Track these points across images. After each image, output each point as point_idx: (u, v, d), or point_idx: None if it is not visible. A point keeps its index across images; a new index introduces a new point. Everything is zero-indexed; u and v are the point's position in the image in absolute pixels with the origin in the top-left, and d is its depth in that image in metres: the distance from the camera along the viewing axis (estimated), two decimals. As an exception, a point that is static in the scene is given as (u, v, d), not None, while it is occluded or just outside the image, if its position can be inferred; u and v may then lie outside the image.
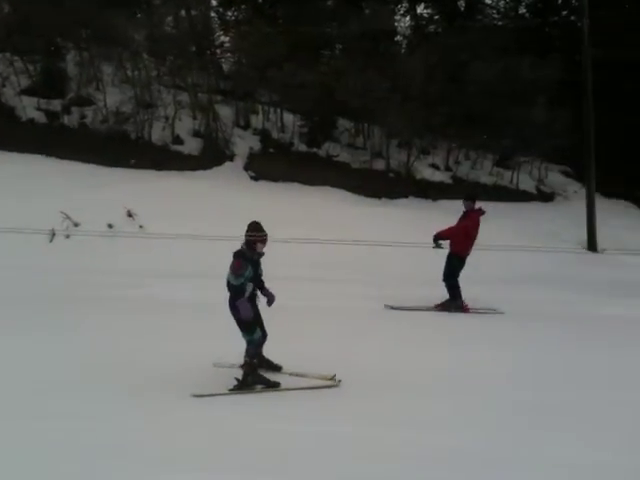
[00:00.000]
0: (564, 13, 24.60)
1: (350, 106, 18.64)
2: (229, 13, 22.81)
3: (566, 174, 21.79)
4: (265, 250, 6.55)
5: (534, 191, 20.60)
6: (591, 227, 16.70)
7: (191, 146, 18.99)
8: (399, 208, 17.59)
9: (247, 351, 6.39)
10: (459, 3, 24.63)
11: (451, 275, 10.55)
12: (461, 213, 10.87)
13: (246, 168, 18.93)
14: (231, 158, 19.06)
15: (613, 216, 18.16)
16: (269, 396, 6.24)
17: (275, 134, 20.10)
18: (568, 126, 17.51)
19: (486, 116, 17.93)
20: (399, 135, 19.85)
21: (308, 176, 18.42)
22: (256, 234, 6.38)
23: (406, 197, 18.87)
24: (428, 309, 10.41)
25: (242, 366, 6.50)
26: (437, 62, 18.24)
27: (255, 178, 18.66)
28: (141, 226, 14.81)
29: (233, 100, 20.29)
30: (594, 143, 16.79)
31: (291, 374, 6.66)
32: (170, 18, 21.28)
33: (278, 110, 20.39)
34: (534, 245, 14.23)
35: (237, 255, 6.39)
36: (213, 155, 18.82)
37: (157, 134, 18.97)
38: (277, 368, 6.73)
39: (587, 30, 16.88)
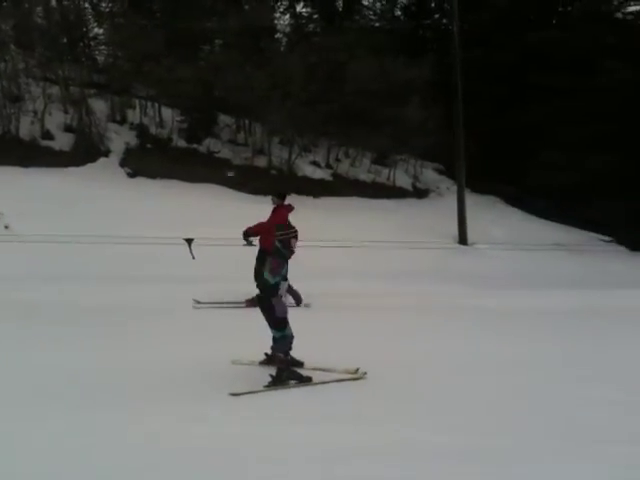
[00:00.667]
0: (436, 16, 25.67)
1: (230, 102, 18.52)
2: (103, 4, 22.00)
3: (439, 171, 22.78)
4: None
5: (410, 188, 21.36)
6: (462, 222, 17.51)
7: (62, 141, 18.13)
8: (281, 205, 17.64)
9: (277, 348, 6.32)
10: (337, 3, 25.09)
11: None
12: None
13: (122, 164, 18.33)
14: (106, 154, 18.38)
15: (483, 211, 19.16)
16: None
17: (153, 129, 19.62)
18: (440, 125, 18.32)
19: (364, 115, 18.40)
20: (280, 132, 19.95)
21: (188, 173, 18.07)
22: (288, 231, 6.44)
23: (288, 194, 18.95)
24: (238, 305, 10.24)
25: (261, 363, 6.58)
26: (316, 61, 18.49)
27: (132, 175, 18.10)
28: (7, 226, 14.01)
29: (108, 94, 19.58)
30: (464, 142, 17.60)
31: (314, 369, 6.50)
32: (40, 8, 20.22)
33: (156, 105, 19.91)
34: (410, 240, 14.82)
35: (274, 254, 6.37)
36: (86, 151, 18.05)
37: (25, 129, 17.96)
38: (299, 364, 6.56)
39: (457, 33, 17.69)
